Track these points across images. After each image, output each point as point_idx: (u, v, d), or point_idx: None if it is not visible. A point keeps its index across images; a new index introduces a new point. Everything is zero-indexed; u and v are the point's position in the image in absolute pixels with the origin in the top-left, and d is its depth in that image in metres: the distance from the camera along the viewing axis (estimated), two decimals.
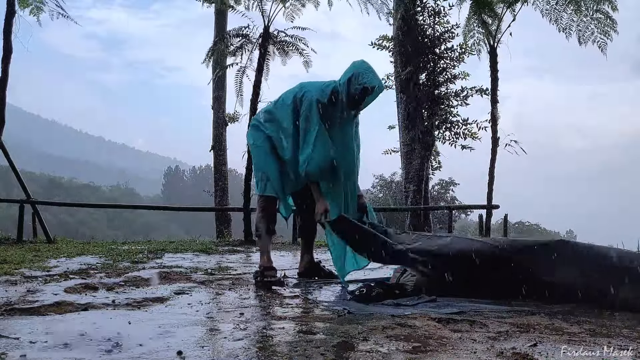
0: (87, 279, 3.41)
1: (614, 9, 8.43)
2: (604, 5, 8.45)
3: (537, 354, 1.82)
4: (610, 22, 8.48)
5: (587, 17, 8.57)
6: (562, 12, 8.77)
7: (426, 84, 10.98)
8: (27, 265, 4.01)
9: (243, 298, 2.90)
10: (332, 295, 3.09)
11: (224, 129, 12.92)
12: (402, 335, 2.07)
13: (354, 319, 2.38)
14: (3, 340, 1.91)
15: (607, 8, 8.45)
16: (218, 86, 12.67)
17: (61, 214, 43.47)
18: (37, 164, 77.31)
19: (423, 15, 11.14)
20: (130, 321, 2.25)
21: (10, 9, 6.79)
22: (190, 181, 69.78)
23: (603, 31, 8.49)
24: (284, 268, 4.29)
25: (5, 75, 6.77)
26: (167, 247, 6.05)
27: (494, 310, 2.59)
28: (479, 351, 1.85)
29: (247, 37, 7.94)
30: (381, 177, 17.59)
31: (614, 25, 8.48)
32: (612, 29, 8.48)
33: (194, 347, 1.85)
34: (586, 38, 8.62)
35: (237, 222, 9.16)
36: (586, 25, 8.62)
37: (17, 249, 5.43)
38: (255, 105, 7.75)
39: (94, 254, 5.03)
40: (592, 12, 8.52)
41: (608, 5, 8.45)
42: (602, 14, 8.50)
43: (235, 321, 2.29)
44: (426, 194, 11.09)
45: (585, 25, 8.62)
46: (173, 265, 4.29)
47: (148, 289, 3.11)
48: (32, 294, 2.86)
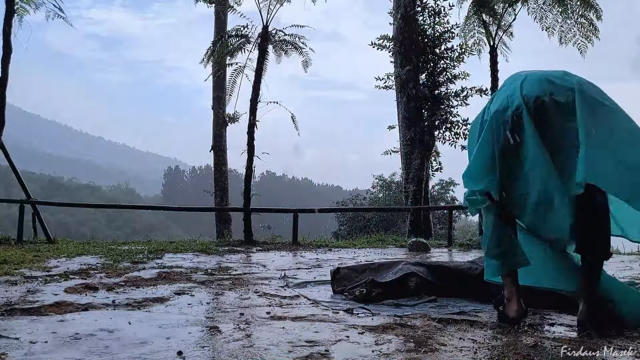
0: (87, 279, 3.41)
1: (598, 18, 8.81)
2: (589, 12, 8.82)
3: (537, 353, 1.82)
4: (592, 28, 8.87)
5: (571, 19, 8.93)
6: (548, 12, 9.11)
7: (426, 84, 10.98)
8: (27, 265, 4.01)
9: (243, 298, 2.90)
10: (333, 295, 3.09)
11: (224, 129, 12.92)
12: (402, 335, 2.07)
13: (354, 319, 2.38)
14: (3, 340, 1.91)
15: (592, 15, 8.83)
16: (218, 86, 12.66)
17: (61, 214, 43.47)
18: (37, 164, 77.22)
19: (423, 15, 11.15)
20: (131, 321, 2.25)
21: (10, 9, 6.79)
22: (190, 181, 69.77)
23: (585, 35, 8.87)
24: (283, 268, 4.29)
25: (5, 75, 6.77)
26: (167, 247, 6.04)
27: (494, 310, 2.59)
28: (479, 351, 1.85)
29: (246, 37, 7.93)
30: (381, 177, 17.57)
31: (596, 31, 8.87)
32: (594, 35, 8.86)
33: (194, 347, 1.85)
34: (567, 39, 8.98)
35: (237, 222, 9.15)
36: (569, 28, 8.98)
37: (17, 249, 5.43)
38: (255, 105, 7.73)
39: (94, 254, 5.03)
40: (577, 17, 8.87)
41: (593, 14, 8.81)
42: (586, 20, 8.86)
43: (235, 321, 2.29)
44: (426, 194, 11.09)
45: (568, 27, 8.99)
46: (173, 266, 4.28)
47: (148, 289, 3.11)
48: (32, 294, 2.86)
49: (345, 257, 5.37)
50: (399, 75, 10.99)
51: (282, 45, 7.98)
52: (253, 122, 7.70)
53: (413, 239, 6.95)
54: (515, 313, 2.32)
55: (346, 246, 6.90)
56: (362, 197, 17.56)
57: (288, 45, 7.98)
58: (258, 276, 3.80)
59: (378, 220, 14.73)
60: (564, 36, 8.98)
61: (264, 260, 4.99)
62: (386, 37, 11.65)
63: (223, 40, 8.21)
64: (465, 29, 10.00)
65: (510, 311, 2.34)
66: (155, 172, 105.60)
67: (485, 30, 9.35)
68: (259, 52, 7.76)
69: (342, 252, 5.90)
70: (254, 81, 7.76)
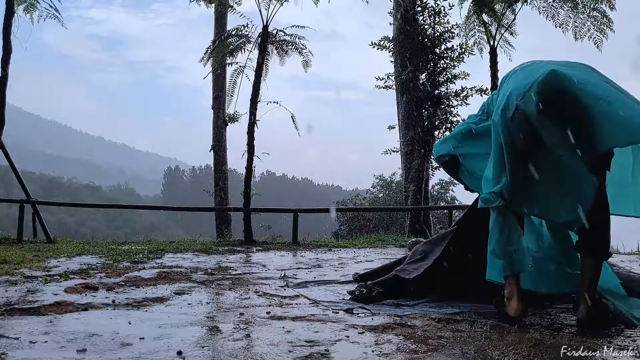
0: (87, 279, 3.41)
1: (611, 8, 8.54)
2: (601, 4, 8.56)
3: (537, 353, 1.82)
4: (606, 20, 8.60)
5: (583, 14, 8.70)
6: (559, 9, 8.92)
7: (426, 84, 10.98)
8: (27, 265, 4.01)
9: (243, 298, 2.90)
10: (333, 295, 3.09)
11: (224, 129, 12.92)
12: (402, 335, 2.07)
13: (354, 319, 2.38)
14: (3, 340, 1.91)
15: (605, 7, 8.57)
16: (218, 86, 12.66)
17: (61, 214, 43.45)
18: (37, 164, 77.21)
19: (423, 15, 11.13)
20: (131, 321, 2.25)
21: (10, 9, 6.79)
22: (190, 181, 69.76)
23: (599, 29, 8.62)
24: (283, 268, 4.29)
25: (5, 75, 6.76)
26: (167, 247, 6.04)
27: (494, 310, 2.59)
28: (479, 351, 1.85)
29: (246, 36, 7.93)
30: (381, 177, 17.57)
31: (610, 24, 8.60)
32: (608, 28, 8.61)
33: (194, 347, 1.85)
34: (582, 34, 8.75)
35: (237, 222, 9.15)
36: (582, 22, 8.75)
37: (17, 249, 5.43)
38: (255, 104, 7.73)
39: (94, 254, 5.03)
40: (589, 10, 8.64)
41: (606, 4, 8.55)
42: (599, 13, 8.61)
43: (235, 321, 2.29)
44: (426, 194, 11.08)
45: (581, 22, 8.75)
46: (173, 265, 4.28)
47: (148, 289, 3.11)
48: (32, 294, 2.86)
49: (345, 257, 5.37)
50: (399, 75, 10.98)
51: (283, 45, 7.99)
52: (253, 122, 7.70)
53: (413, 238, 6.95)
54: (516, 312, 2.32)
55: (346, 246, 6.90)
56: (362, 197, 17.56)
57: (288, 45, 7.98)
58: (258, 276, 3.80)
59: (378, 220, 14.73)
60: (578, 31, 8.79)
61: (264, 260, 4.99)
62: (387, 39, 11.65)
63: (223, 40, 8.22)
64: (465, 28, 10.00)
65: (511, 310, 2.33)
66: (155, 172, 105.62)
67: (485, 30, 9.34)
68: (259, 52, 7.76)
69: (342, 252, 5.90)
70: (254, 81, 7.75)
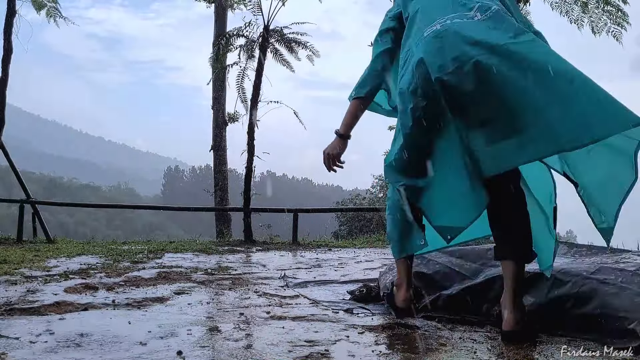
0: (87, 279, 3.41)
1: (624, 2, 8.45)
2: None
3: (537, 353, 1.82)
4: (622, 14, 8.50)
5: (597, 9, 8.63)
6: (573, 5, 8.85)
7: None
8: (27, 265, 4.01)
9: (243, 298, 2.90)
10: (332, 295, 3.09)
11: (224, 129, 12.92)
12: (402, 335, 2.07)
13: (354, 319, 2.38)
14: (3, 340, 1.91)
15: (618, 1, 8.46)
16: (218, 86, 12.66)
17: (61, 214, 43.50)
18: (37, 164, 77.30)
19: None
20: (130, 321, 2.25)
21: (11, 9, 6.79)
22: (190, 181, 69.82)
23: (616, 22, 8.52)
24: (283, 268, 4.29)
25: (6, 75, 6.77)
26: (167, 247, 6.04)
27: None
28: (479, 351, 1.85)
29: (247, 36, 7.93)
30: (381, 177, 17.59)
31: (626, 17, 8.50)
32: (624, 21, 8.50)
33: (194, 347, 1.85)
34: (599, 29, 8.63)
35: (237, 222, 9.14)
36: (598, 17, 8.65)
37: (17, 249, 5.43)
38: (256, 104, 7.73)
39: (94, 254, 5.03)
40: (603, 5, 8.54)
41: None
42: (613, 7, 8.51)
43: (235, 321, 2.29)
44: None
45: (597, 16, 8.65)
46: (173, 265, 4.28)
47: (148, 289, 3.11)
48: (32, 294, 2.86)
49: (345, 257, 5.37)
50: None
51: (283, 44, 7.99)
52: (253, 122, 7.71)
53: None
54: (403, 303, 2.10)
55: (346, 246, 6.90)
56: (362, 197, 17.56)
57: (290, 43, 7.99)
58: (258, 276, 3.80)
59: (378, 220, 14.73)
60: (595, 25, 8.67)
61: (264, 260, 4.99)
62: None
63: (223, 40, 8.22)
64: None
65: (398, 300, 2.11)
66: (155, 172, 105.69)
67: None
68: (259, 52, 7.77)
69: (342, 252, 5.90)
70: (254, 81, 7.76)
